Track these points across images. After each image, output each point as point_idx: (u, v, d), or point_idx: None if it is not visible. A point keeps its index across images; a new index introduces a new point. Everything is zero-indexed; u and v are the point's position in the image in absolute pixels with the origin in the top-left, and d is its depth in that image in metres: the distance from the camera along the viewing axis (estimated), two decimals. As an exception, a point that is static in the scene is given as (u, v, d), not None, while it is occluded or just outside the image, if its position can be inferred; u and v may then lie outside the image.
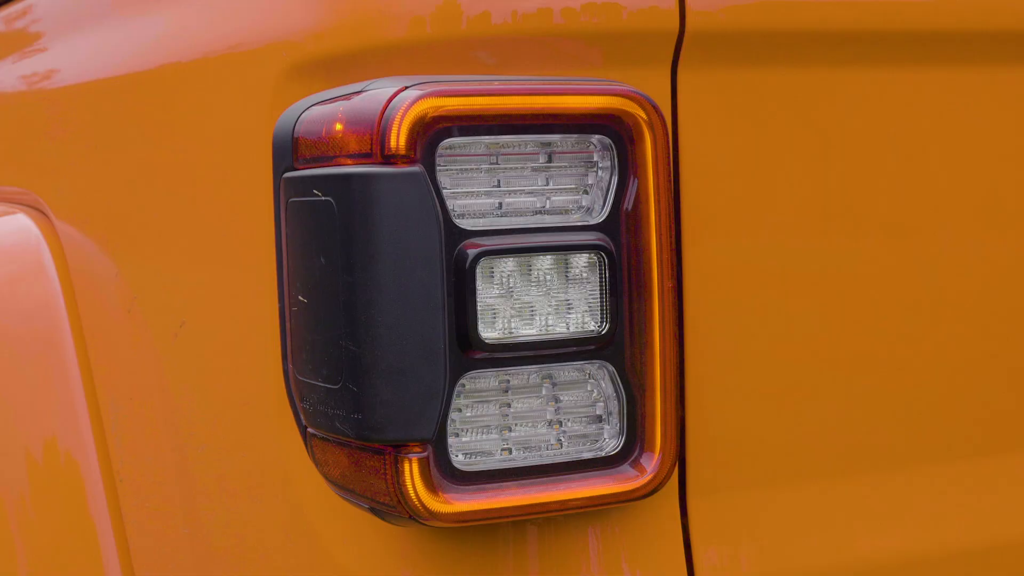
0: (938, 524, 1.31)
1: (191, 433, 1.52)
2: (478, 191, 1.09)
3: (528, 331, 1.10)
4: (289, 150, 1.13)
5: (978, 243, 1.32)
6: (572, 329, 1.11)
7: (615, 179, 1.11)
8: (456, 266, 1.06)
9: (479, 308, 1.07)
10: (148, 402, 1.61)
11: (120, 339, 1.66)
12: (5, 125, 1.99)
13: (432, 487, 1.06)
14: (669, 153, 1.12)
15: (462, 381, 1.09)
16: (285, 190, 1.12)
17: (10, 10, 1.96)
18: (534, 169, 1.11)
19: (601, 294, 1.11)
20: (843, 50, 1.24)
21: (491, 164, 1.09)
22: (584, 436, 1.13)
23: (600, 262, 1.11)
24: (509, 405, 1.11)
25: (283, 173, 1.13)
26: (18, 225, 1.91)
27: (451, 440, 1.08)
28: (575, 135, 1.10)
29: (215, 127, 1.40)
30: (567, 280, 1.11)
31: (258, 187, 1.28)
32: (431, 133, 1.05)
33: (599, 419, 1.14)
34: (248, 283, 1.35)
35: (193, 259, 1.48)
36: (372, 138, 1.04)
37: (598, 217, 1.11)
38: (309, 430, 1.13)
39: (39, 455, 1.80)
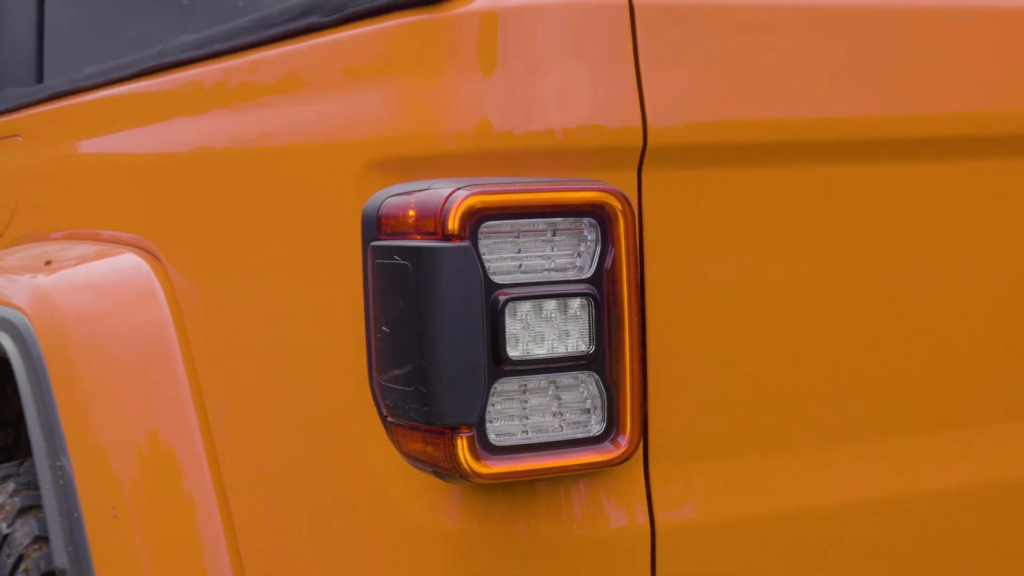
0: (842, 483, 1.76)
1: (287, 425, 1.99)
2: (506, 256, 1.54)
3: (539, 351, 1.55)
4: (375, 226, 1.60)
5: (897, 287, 1.77)
6: (569, 350, 1.56)
7: (599, 247, 1.57)
8: (491, 308, 1.52)
9: (507, 336, 1.52)
10: (249, 402, 2.08)
11: (224, 353, 2.12)
12: (126, 182, 2.46)
13: (476, 456, 1.52)
14: (636, 230, 1.59)
15: (495, 385, 1.53)
16: (372, 254, 1.60)
17: (142, 85, 2.43)
18: (543, 241, 1.56)
19: (589, 326, 1.56)
20: (773, 154, 1.70)
21: (514, 238, 1.55)
22: (578, 423, 1.58)
23: (588, 304, 1.56)
24: (527, 401, 1.56)
25: (370, 241, 1.60)
26: (129, 262, 2.35)
27: (488, 425, 1.54)
28: (572, 218, 1.55)
29: (309, 199, 1.87)
30: (566, 316, 1.56)
31: (341, 246, 1.75)
32: (475, 218, 1.53)
33: (588, 411, 1.58)
34: (332, 315, 1.82)
35: (288, 295, 1.95)
36: (436, 223, 1.53)
37: (587, 273, 1.56)
38: (389, 419, 1.61)
39: (150, 445, 2.20)
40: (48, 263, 2.46)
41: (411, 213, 1.55)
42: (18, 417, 3.13)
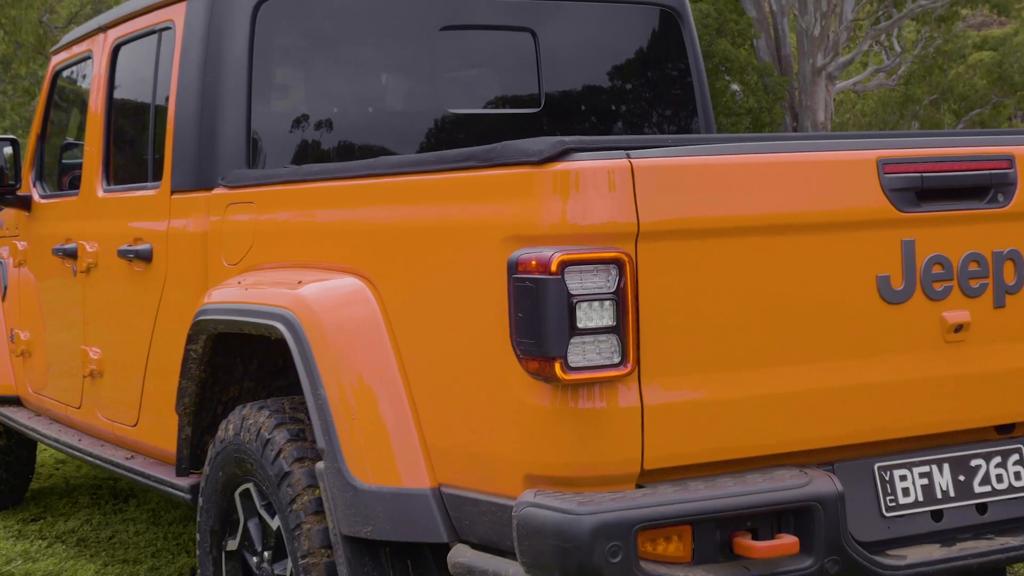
0: (773, 381, 3.66)
1: (458, 364, 3.83)
2: (576, 282, 3.36)
3: (591, 324, 3.39)
4: (515, 267, 3.46)
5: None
6: (604, 324, 3.41)
7: (617, 278, 3.44)
8: (570, 306, 3.38)
9: (576, 317, 3.37)
10: (433, 355, 3.94)
11: (416, 330, 3.96)
12: (345, 235, 4.31)
13: (564, 371, 3.35)
14: (635, 269, 3.45)
15: (571, 340, 3.37)
16: (514, 282, 3.47)
17: (354, 182, 4.34)
18: (592, 274, 3.38)
19: (615, 314, 3.43)
20: (703, 233, 3.59)
21: (580, 273, 3.37)
22: (608, 356, 3.39)
23: (613, 303, 3.42)
24: (585, 345, 3.38)
25: (513, 275, 3.48)
26: (350, 280, 4.17)
27: (569, 356, 3.35)
28: (604, 264, 3.39)
29: (471, 252, 3.75)
30: (603, 309, 3.40)
31: (489, 276, 3.60)
32: (563, 265, 3.38)
33: (613, 352, 3.39)
34: (484, 308, 3.70)
35: (457, 299, 3.83)
36: (545, 267, 3.40)
37: (612, 289, 3.38)
38: (520, 356, 3.47)
39: (368, 381, 4.01)
40: (299, 282, 4.35)
41: (534, 262, 3.45)
42: (242, 375, 5.02)
